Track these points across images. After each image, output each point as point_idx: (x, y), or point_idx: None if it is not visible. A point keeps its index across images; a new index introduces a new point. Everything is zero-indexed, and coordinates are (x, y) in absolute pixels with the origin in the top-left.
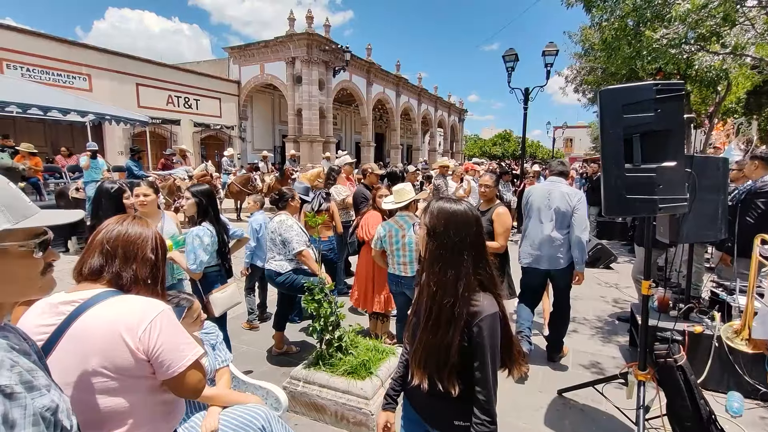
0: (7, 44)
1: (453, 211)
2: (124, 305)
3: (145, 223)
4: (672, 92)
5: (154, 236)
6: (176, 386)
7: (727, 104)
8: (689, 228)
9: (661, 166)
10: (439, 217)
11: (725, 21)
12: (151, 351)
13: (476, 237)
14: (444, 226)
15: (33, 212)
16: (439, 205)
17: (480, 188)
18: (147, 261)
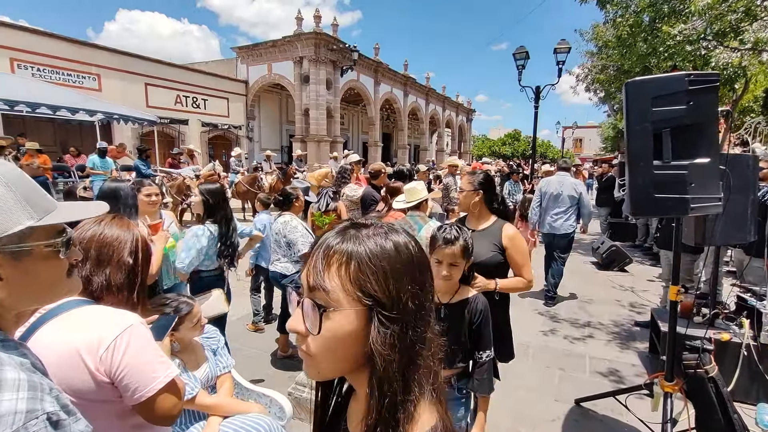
0: (18, 44)
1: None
2: (86, 319)
3: (126, 225)
4: (706, 83)
5: (134, 239)
6: (146, 412)
7: (744, 103)
8: (718, 229)
9: (693, 163)
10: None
11: (747, 16)
12: (114, 373)
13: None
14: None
15: (54, 207)
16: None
17: (458, 195)
18: (123, 265)
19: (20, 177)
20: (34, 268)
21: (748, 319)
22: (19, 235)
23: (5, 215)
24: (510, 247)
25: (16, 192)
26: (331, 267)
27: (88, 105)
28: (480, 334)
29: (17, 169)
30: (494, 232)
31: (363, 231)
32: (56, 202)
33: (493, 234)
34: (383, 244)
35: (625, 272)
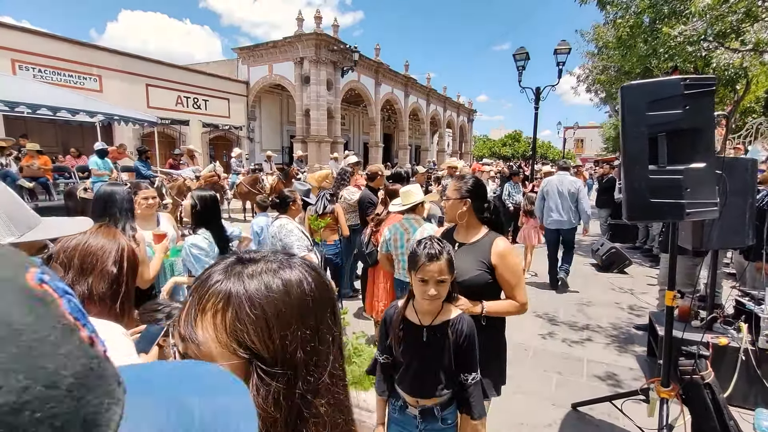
0: (20, 45)
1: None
2: None
3: (112, 235)
4: (702, 87)
5: (119, 248)
6: None
7: (745, 104)
8: (715, 233)
9: (689, 167)
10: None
11: (747, 17)
12: None
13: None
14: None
15: (36, 222)
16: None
17: (443, 202)
18: (106, 275)
19: (3, 192)
20: None
21: (746, 324)
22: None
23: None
24: (500, 265)
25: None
26: (205, 314)
27: (88, 106)
28: (465, 356)
29: (3, 185)
30: (483, 247)
31: (249, 268)
32: (40, 217)
33: (481, 249)
34: (270, 284)
35: (625, 274)
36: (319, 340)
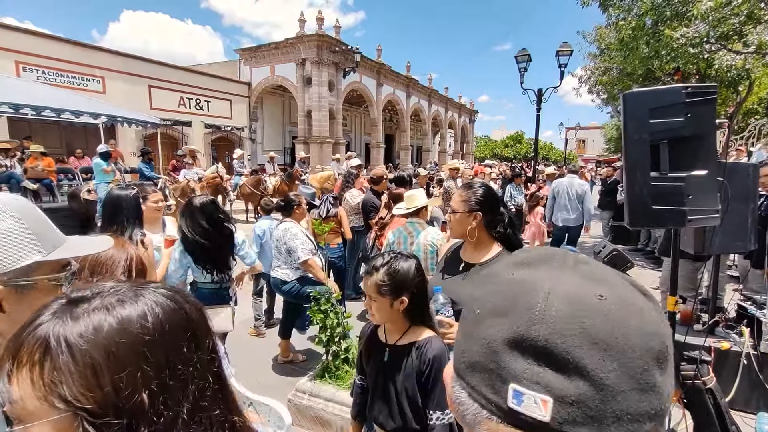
0: (23, 47)
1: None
2: None
3: (121, 244)
4: (703, 95)
5: (128, 258)
6: None
7: (747, 105)
8: (717, 238)
9: (691, 174)
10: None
11: (750, 19)
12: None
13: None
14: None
15: (62, 241)
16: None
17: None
18: None
19: (32, 211)
20: (37, 302)
21: (748, 328)
22: (26, 270)
23: (14, 250)
24: None
25: (27, 226)
26: (21, 366)
27: (92, 108)
28: (430, 388)
29: (30, 204)
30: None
31: (81, 307)
32: (64, 236)
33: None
34: (99, 324)
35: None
36: (170, 375)
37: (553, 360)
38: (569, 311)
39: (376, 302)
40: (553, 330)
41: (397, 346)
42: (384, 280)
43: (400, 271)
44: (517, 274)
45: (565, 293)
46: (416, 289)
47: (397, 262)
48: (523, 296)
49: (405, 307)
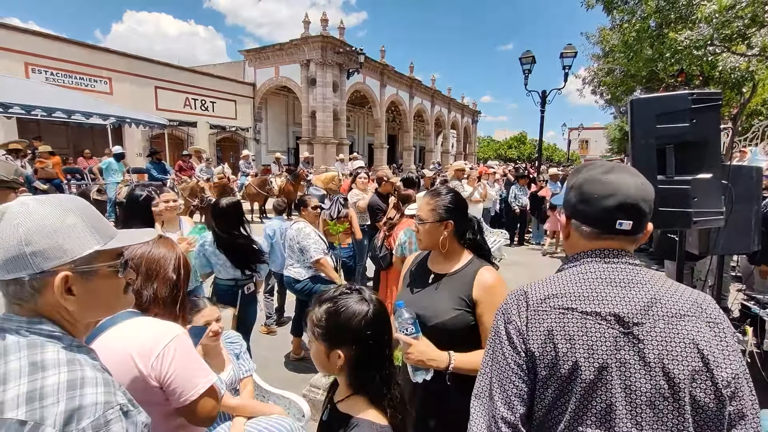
0: (32, 49)
1: None
2: (138, 329)
3: (170, 245)
4: (708, 102)
5: (177, 257)
6: (189, 414)
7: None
8: (721, 239)
9: (696, 178)
10: None
11: (753, 22)
12: (163, 378)
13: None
14: None
15: (115, 233)
16: None
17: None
18: (168, 281)
19: (88, 207)
20: (99, 286)
21: (751, 327)
22: (89, 258)
23: (79, 241)
24: (483, 301)
25: (86, 221)
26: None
27: (101, 109)
28: None
29: (85, 202)
30: (465, 278)
31: None
32: (115, 228)
33: (461, 282)
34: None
35: None
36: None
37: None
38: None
39: (312, 345)
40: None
41: (336, 410)
42: (320, 319)
43: (342, 314)
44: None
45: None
46: (363, 345)
47: (346, 301)
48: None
49: (342, 365)
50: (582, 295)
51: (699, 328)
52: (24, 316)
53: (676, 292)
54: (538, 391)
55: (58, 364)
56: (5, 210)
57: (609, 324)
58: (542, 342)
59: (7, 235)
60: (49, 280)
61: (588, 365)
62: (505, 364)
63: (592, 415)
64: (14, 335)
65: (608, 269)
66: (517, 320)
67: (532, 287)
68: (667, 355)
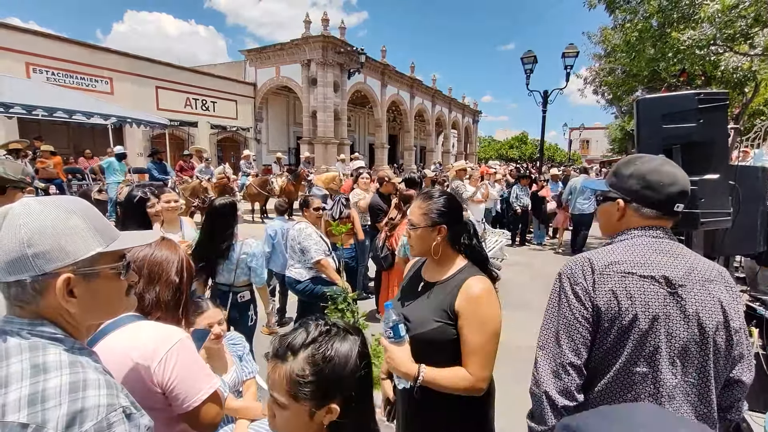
0: (33, 49)
1: None
2: (140, 334)
3: (173, 247)
4: (715, 102)
5: (179, 259)
6: (192, 420)
7: (754, 106)
8: (727, 240)
9: (703, 178)
10: None
11: (756, 21)
12: (165, 384)
13: None
14: None
15: (117, 235)
16: None
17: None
18: (170, 284)
19: (91, 209)
20: (101, 288)
21: (757, 329)
22: (91, 260)
23: (81, 242)
24: (465, 313)
25: (89, 223)
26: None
27: (102, 109)
28: None
29: (88, 203)
30: (451, 287)
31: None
32: (118, 230)
33: (448, 291)
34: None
35: None
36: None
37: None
38: None
39: (283, 411)
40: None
41: None
42: (302, 375)
43: (336, 360)
44: None
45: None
46: (359, 388)
47: (330, 341)
48: None
49: (330, 421)
50: (639, 262)
51: (722, 290)
52: (25, 318)
53: (705, 262)
54: (599, 340)
55: (60, 366)
56: (7, 211)
57: (660, 285)
58: (608, 299)
59: (9, 236)
60: (50, 282)
61: (644, 317)
62: (573, 317)
63: (642, 357)
64: (16, 338)
65: (656, 242)
66: (584, 282)
67: (595, 256)
68: (701, 310)
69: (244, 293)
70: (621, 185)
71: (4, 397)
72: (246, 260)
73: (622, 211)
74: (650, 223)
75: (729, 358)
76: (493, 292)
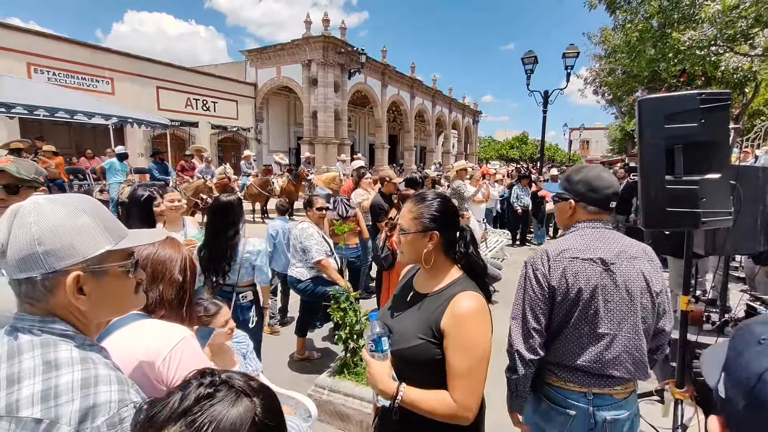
0: (35, 49)
1: None
2: (145, 332)
3: (176, 246)
4: (717, 102)
5: (183, 258)
6: None
7: (754, 106)
8: (728, 240)
9: (704, 178)
10: None
11: (757, 22)
12: (170, 382)
13: None
14: None
15: (126, 233)
16: None
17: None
18: (174, 282)
19: (100, 208)
20: (110, 286)
21: None
22: (100, 258)
23: (91, 241)
24: (450, 332)
25: (98, 221)
26: None
27: (103, 109)
28: None
29: (98, 202)
30: (440, 302)
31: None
32: (126, 229)
33: (436, 305)
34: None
35: None
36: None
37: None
38: None
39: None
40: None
41: None
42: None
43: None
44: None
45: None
46: None
47: (212, 411)
48: None
49: None
50: (582, 248)
51: (644, 264)
52: (36, 316)
53: (632, 243)
54: (555, 309)
55: (72, 362)
56: (18, 209)
57: (597, 264)
58: (559, 279)
59: (21, 234)
60: (60, 280)
61: (586, 289)
62: (534, 296)
63: (587, 318)
64: (27, 334)
65: (597, 232)
66: (542, 267)
67: (551, 246)
68: (628, 280)
69: (247, 293)
70: (572, 188)
71: (17, 393)
72: (250, 259)
73: (573, 208)
74: (593, 217)
75: (654, 314)
76: (485, 311)
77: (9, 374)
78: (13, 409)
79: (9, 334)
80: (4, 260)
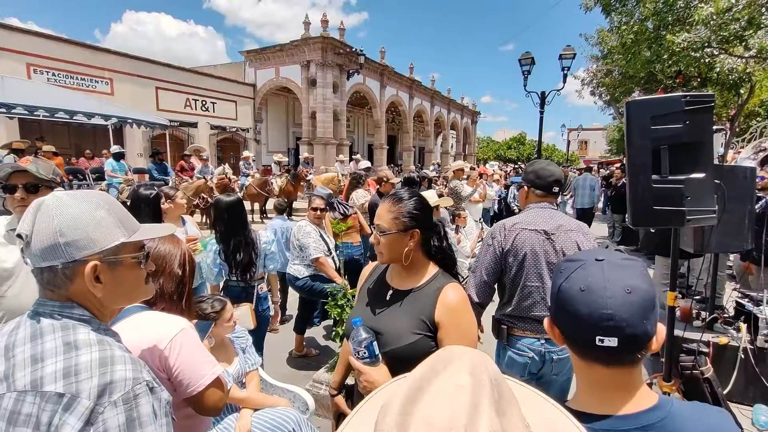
0: (34, 50)
1: None
2: (146, 323)
3: (176, 242)
4: (701, 104)
5: (182, 253)
6: (196, 404)
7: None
8: (715, 238)
9: (689, 177)
10: None
11: (750, 24)
12: (170, 370)
13: None
14: None
15: (138, 227)
16: None
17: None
18: (174, 276)
19: (115, 202)
20: (123, 275)
21: (745, 324)
22: (115, 249)
23: (107, 233)
24: (445, 323)
25: (114, 215)
26: None
27: (103, 110)
28: None
29: (112, 197)
30: (427, 296)
31: None
32: (138, 223)
33: (424, 300)
34: None
35: None
36: None
37: None
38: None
39: None
40: None
41: None
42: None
43: None
44: None
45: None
46: None
47: None
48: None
49: None
50: (531, 222)
51: (579, 236)
52: (56, 301)
53: (570, 220)
54: (507, 270)
55: (90, 343)
56: (41, 203)
57: (541, 234)
58: (511, 245)
59: (44, 226)
60: (79, 269)
61: (531, 254)
62: (491, 257)
63: (533, 276)
64: (48, 318)
65: (543, 211)
66: (499, 236)
67: (507, 221)
68: (565, 247)
69: (263, 284)
70: (526, 177)
71: (41, 371)
72: (266, 249)
73: (526, 193)
74: (540, 199)
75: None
76: (468, 299)
77: (33, 354)
78: (38, 384)
79: (32, 317)
80: (28, 250)
